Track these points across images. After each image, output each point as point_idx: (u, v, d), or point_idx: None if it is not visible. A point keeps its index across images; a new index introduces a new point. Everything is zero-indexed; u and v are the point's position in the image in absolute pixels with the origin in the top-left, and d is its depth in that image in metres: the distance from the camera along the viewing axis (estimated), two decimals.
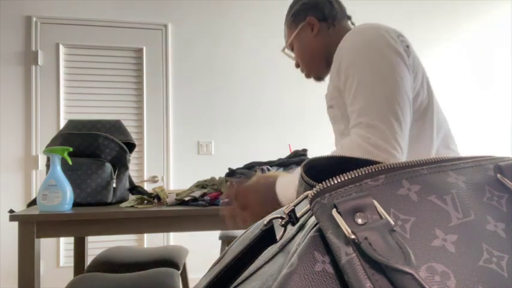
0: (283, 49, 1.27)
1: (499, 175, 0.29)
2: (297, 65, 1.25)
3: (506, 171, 0.29)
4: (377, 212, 0.23)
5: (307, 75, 1.24)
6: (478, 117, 3.61)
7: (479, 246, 0.24)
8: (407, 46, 0.97)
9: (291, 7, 1.23)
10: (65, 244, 2.94)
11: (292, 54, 1.25)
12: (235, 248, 0.32)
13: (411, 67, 0.95)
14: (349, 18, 1.22)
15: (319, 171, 0.33)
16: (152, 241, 3.04)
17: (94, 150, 1.56)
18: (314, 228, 0.24)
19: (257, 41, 3.31)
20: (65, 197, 1.40)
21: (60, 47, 2.98)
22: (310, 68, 1.22)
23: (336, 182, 0.25)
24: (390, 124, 0.85)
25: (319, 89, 3.37)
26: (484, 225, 0.25)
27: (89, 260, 2.04)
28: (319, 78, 1.24)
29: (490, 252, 0.24)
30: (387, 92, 0.87)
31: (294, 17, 1.19)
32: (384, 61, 0.90)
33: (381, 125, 0.85)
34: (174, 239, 3.09)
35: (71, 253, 2.83)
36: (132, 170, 2.95)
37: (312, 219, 0.25)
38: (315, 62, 1.20)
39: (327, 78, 1.20)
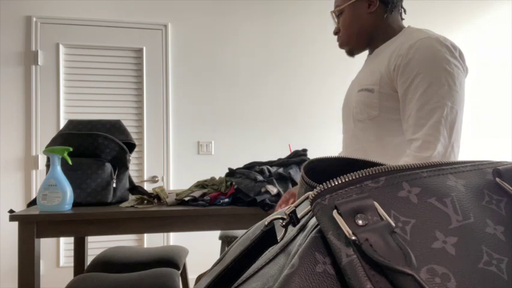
0: (332, 12, 1.27)
1: (497, 179, 0.29)
2: (336, 32, 1.26)
3: (505, 175, 0.29)
4: (378, 213, 0.23)
5: (342, 46, 1.26)
6: (478, 118, 3.61)
7: (479, 248, 0.24)
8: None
9: None
10: (65, 244, 2.94)
11: (335, 20, 1.26)
12: (236, 249, 0.32)
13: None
14: (404, 11, 1.24)
15: (320, 172, 0.33)
16: (152, 241, 3.04)
17: (94, 150, 1.56)
18: (315, 229, 0.24)
19: (257, 41, 3.31)
20: (65, 197, 1.40)
21: (61, 47, 2.98)
22: (351, 40, 1.23)
23: (336, 183, 0.25)
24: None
25: (319, 89, 3.38)
26: (483, 228, 0.25)
27: (89, 260, 2.04)
28: (351, 52, 1.26)
29: (489, 254, 0.24)
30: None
31: None
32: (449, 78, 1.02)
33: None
34: (174, 239, 3.09)
35: (71, 253, 2.83)
36: (132, 170, 2.95)
37: (313, 220, 0.25)
38: (359, 37, 1.22)
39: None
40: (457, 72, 1.01)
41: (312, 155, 2.75)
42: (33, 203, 1.59)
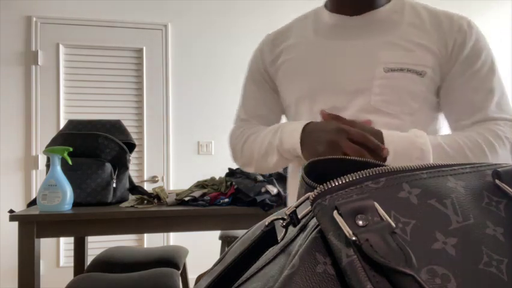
0: None
1: (497, 181, 0.29)
2: None
3: (505, 177, 0.29)
4: (378, 214, 0.23)
5: None
6: None
7: (479, 249, 0.24)
8: None
9: None
10: (65, 244, 2.94)
11: None
12: (236, 249, 0.32)
13: None
14: None
15: (320, 172, 0.33)
16: (152, 241, 3.04)
17: (94, 150, 1.56)
18: (316, 230, 0.24)
19: (257, 41, 3.30)
20: (65, 197, 1.40)
21: (60, 47, 2.98)
22: None
23: (337, 183, 0.25)
24: None
25: None
26: (483, 229, 0.26)
27: (89, 260, 2.04)
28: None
29: (489, 255, 0.24)
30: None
31: None
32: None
33: None
34: (174, 239, 3.09)
35: (71, 253, 2.83)
36: (132, 170, 2.95)
37: (314, 221, 0.25)
38: None
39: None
40: None
41: None
42: (33, 203, 1.59)
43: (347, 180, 0.25)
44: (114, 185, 1.57)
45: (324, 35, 0.91)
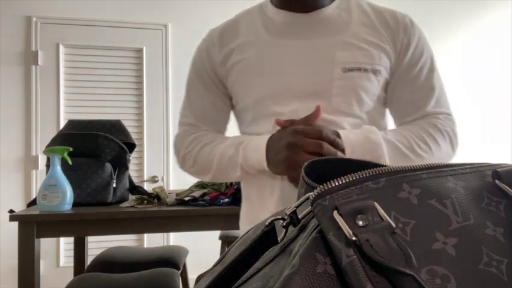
0: None
1: (497, 181, 0.29)
2: None
3: (505, 177, 0.29)
4: (378, 214, 0.23)
5: None
6: (476, 120, 3.61)
7: (479, 249, 0.24)
8: None
9: None
10: (65, 244, 2.94)
11: None
12: (236, 249, 0.32)
13: None
14: None
15: (320, 172, 0.33)
16: (152, 241, 3.04)
17: (94, 150, 1.56)
18: (316, 230, 0.24)
19: None
20: (65, 197, 1.40)
21: (60, 47, 2.98)
22: None
23: (337, 184, 0.25)
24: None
25: None
26: (483, 230, 0.26)
27: (89, 260, 2.04)
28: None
29: (489, 255, 0.24)
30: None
31: None
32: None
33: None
34: (174, 239, 3.09)
35: (71, 253, 2.83)
36: (132, 170, 2.95)
37: (314, 221, 0.25)
38: None
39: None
40: None
41: None
42: (33, 203, 1.59)
43: (347, 180, 0.25)
44: (114, 185, 1.57)
45: (276, 33, 0.88)
